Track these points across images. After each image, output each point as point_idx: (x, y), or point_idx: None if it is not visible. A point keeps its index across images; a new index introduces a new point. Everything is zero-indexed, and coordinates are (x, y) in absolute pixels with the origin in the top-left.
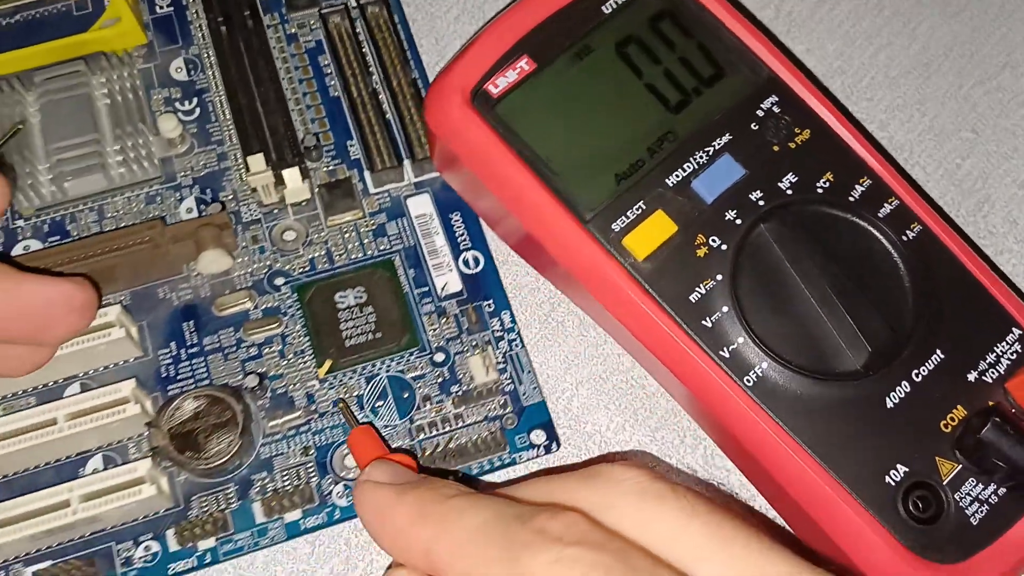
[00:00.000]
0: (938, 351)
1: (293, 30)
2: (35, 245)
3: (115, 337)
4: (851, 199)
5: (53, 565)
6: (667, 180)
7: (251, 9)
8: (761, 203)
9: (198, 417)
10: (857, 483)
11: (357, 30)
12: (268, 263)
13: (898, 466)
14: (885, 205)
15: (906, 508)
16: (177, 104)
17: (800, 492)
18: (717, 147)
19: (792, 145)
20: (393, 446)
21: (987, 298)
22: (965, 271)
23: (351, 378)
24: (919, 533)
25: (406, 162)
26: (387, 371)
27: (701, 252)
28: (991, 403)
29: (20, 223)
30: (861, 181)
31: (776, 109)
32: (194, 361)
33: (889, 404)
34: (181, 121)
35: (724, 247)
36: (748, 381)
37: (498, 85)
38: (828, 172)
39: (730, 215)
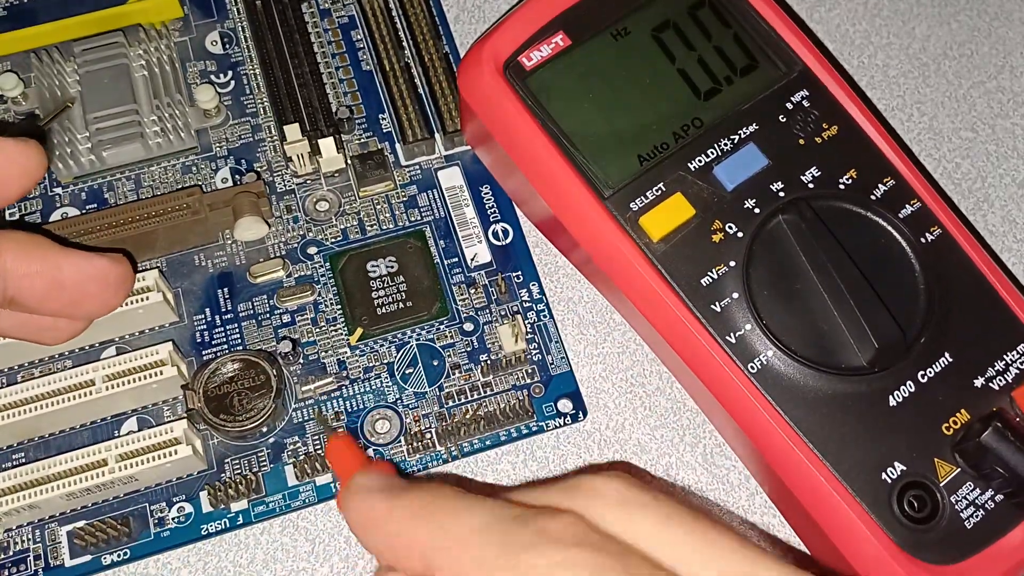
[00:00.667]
0: (946, 354)
1: (327, 5)
2: (73, 212)
3: (152, 301)
4: (873, 197)
5: (88, 524)
6: (689, 164)
7: None
8: (782, 194)
9: (233, 381)
10: (852, 477)
11: (390, 5)
12: (302, 232)
13: (896, 464)
14: (907, 206)
15: (900, 506)
16: (212, 77)
17: (795, 481)
18: (743, 136)
19: (818, 140)
20: (412, 422)
21: (1002, 307)
22: (982, 278)
23: (382, 345)
24: (911, 532)
25: (437, 135)
26: (417, 339)
27: (717, 237)
28: (994, 409)
29: (58, 191)
30: (885, 181)
31: (806, 103)
32: (228, 327)
33: (892, 402)
34: (217, 93)
35: (740, 234)
36: (752, 368)
37: (531, 58)
38: (852, 169)
39: (749, 203)
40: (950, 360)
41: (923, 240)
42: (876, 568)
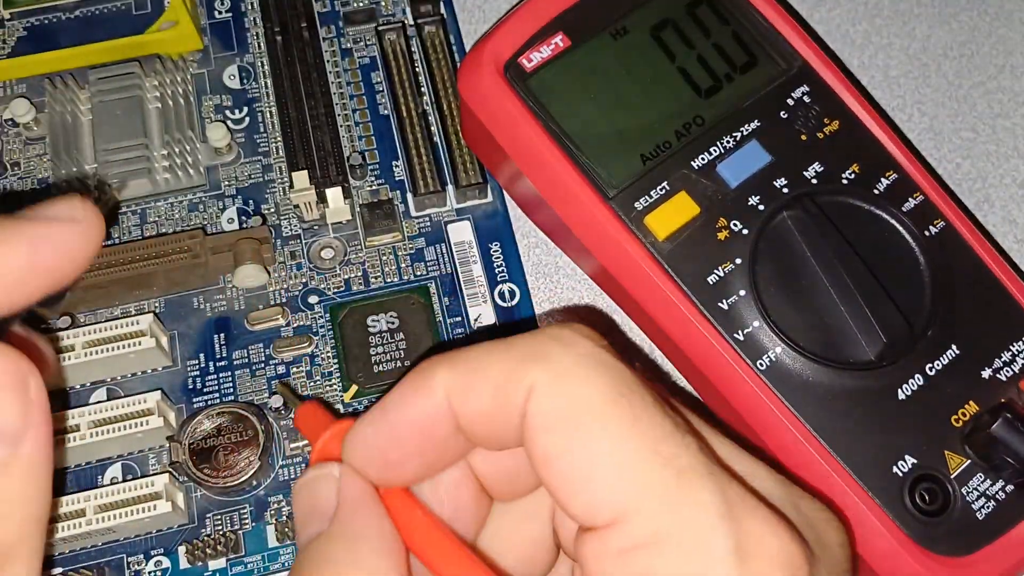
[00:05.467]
0: (953, 346)
1: (348, 44)
2: None
3: (145, 347)
4: (876, 191)
5: (63, 573)
6: (693, 163)
7: (308, 21)
8: (785, 190)
9: (219, 434)
10: (864, 471)
11: (412, 49)
12: (304, 280)
13: (906, 457)
14: (910, 199)
15: (912, 499)
16: (227, 112)
17: (806, 477)
18: (745, 133)
19: (820, 135)
20: None
21: (1007, 297)
22: (986, 269)
23: None
24: (924, 525)
25: (449, 187)
26: None
27: (722, 235)
28: (1003, 400)
29: None
30: (887, 174)
31: (807, 99)
32: (221, 375)
33: (901, 396)
34: (230, 130)
35: (745, 231)
36: (761, 365)
37: (532, 59)
38: (855, 164)
39: (753, 200)
40: (957, 352)
41: (927, 233)
42: (890, 562)
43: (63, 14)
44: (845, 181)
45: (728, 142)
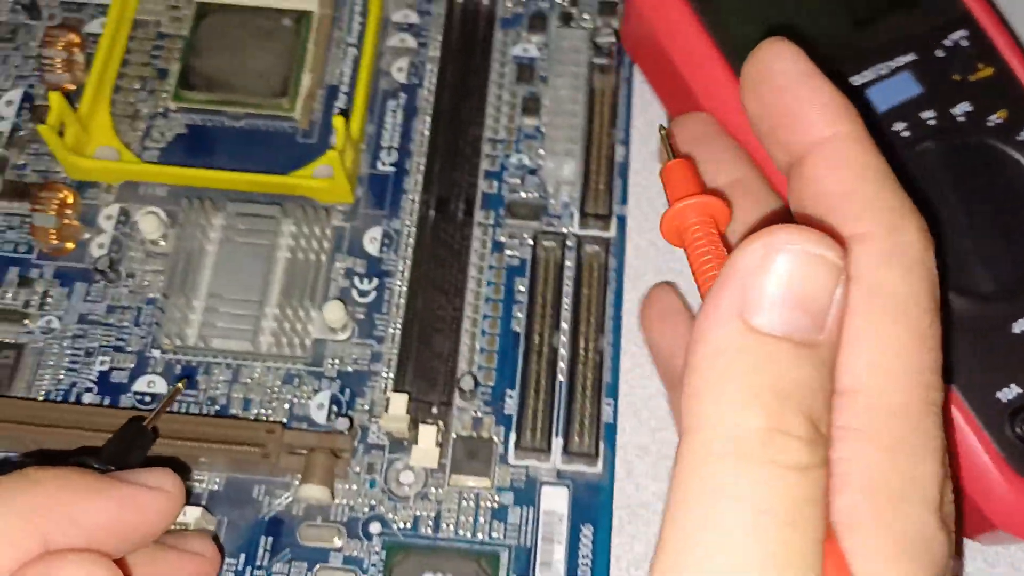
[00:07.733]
0: None
1: (502, 238)
2: (159, 383)
3: None
4: (1019, 139)
5: None
6: (846, 82)
7: (467, 203)
8: (931, 123)
9: None
10: (969, 391)
11: (564, 263)
12: (373, 503)
13: (1012, 385)
14: None
15: (1012, 427)
16: (356, 280)
17: None
18: (900, 64)
19: (972, 78)
20: None
21: None
22: None
23: None
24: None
25: (556, 442)
26: None
27: None
28: None
29: (155, 353)
30: None
31: (964, 43)
32: None
33: (1016, 330)
34: (347, 312)
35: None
36: None
37: None
38: (1003, 110)
39: (898, 127)
40: None
41: None
42: (985, 484)
43: (226, 120)
44: (991, 125)
45: (882, 69)
